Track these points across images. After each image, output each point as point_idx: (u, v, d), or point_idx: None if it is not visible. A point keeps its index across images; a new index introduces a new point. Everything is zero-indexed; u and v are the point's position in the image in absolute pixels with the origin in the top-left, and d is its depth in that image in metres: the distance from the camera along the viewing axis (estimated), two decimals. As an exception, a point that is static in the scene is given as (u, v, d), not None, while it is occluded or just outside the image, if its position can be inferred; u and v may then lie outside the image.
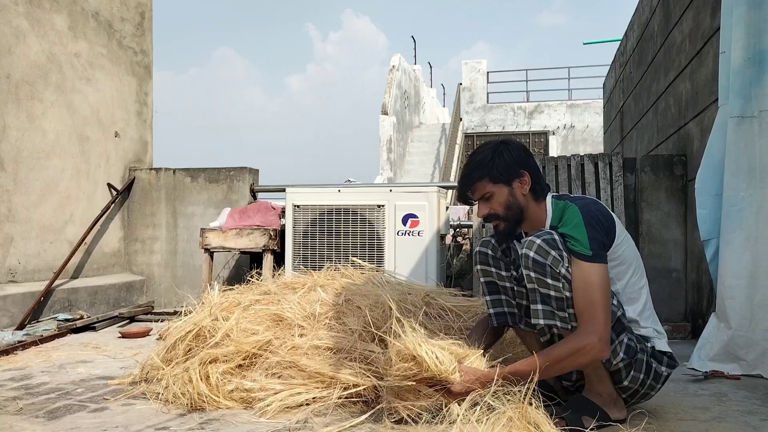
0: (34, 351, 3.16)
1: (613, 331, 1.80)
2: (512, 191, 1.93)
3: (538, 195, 1.95)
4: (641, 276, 1.96)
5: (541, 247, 1.78)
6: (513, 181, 1.93)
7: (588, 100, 15.13)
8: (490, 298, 2.10)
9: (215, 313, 2.37)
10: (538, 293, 1.81)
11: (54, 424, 1.97)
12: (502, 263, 2.06)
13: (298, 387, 2.08)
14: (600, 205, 1.91)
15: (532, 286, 1.82)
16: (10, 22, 3.89)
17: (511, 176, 1.92)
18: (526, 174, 1.93)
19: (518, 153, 1.95)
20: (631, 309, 1.91)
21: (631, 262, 1.92)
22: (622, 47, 6.49)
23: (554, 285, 1.78)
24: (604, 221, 1.85)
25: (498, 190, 1.92)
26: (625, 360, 1.82)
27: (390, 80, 13.40)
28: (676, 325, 3.54)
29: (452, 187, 4.94)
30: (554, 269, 1.77)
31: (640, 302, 1.93)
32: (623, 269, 1.90)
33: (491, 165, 1.92)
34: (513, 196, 1.93)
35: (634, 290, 1.92)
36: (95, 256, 4.63)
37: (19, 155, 3.95)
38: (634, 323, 1.90)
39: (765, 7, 2.62)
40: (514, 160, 1.93)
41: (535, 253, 1.78)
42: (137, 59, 5.17)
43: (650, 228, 3.82)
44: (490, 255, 2.06)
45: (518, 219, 1.95)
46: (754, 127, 2.63)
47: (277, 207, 4.44)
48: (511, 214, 1.93)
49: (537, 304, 1.83)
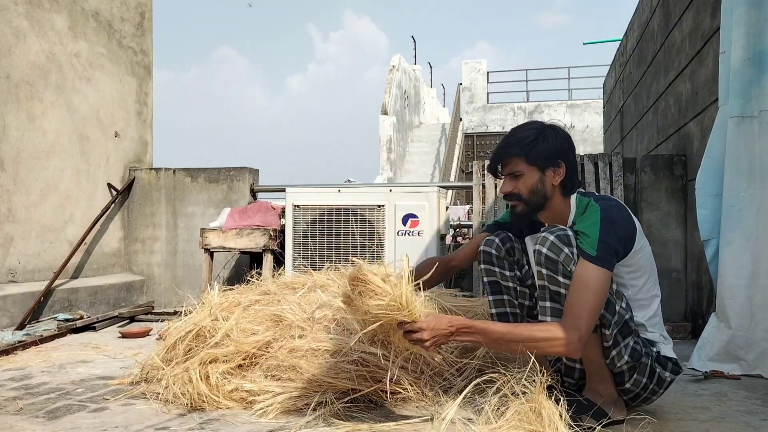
0: (34, 351, 3.16)
1: (620, 334, 1.79)
2: (543, 178, 1.89)
3: (567, 190, 1.91)
4: (654, 284, 1.93)
5: (554, 244, 1.75)
6: (547, 169, 1.88)
7: (588, 100, 15.12)
8: (493, 298, 2.09)
9: (215, 313, 2.37)
10: (548, 290, 1.78)
11: (54, 424, 1.97)
12: (506, 263, 2.05)
13: (297, 390, 2.08)
14: (624, 211, 1.86)
15: (542, 282, 1.79)
16: (10, 22, 3.89)
17: (547, 163, 1.88)
18: (562, 166, 1.89)
19: (562, 143, 1.90)
20: (640, 315, 1.89)
21: (645, 270, 1.89)
22: (622, 47, 6.49)
23: (564, 283, 1.75)
24: (622, 229, 1.80)
25: (529, 172, 1.88)
26: (629, 363, 1.81)
27: (390, 80, 13.40)
28: (676, 325, 3.54)
29: (452, 187, 4.94)
30: (566, 267, 1.75)
31: (650, 309, 1.90)
32: (637, 275, 1.88)
33: (532, 146, 1.87)
34: (542, 183, 1.89)
35: (645, 298, 1.90)
36: (95, 256, 4.63)
37: (19, 155, 3.95)
38: (641, 327, 1.89)
39: (765, 7, 2.62)
40: (557, 149, 1.88)
41: (548, 250, 1.75)
42: (137, 59, 5.17)
43: (650, 228, 3.82)
44: (494, 255, 2.05)
45: (539, 206, 1.92)
46: (754, 127, 2.63)
47: (277, 207, 4.45)
48: (534, 199, 1.90)
49: (545, 301, 1.79)
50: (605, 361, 1.82)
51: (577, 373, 1.94)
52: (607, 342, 1.78)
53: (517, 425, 1.54)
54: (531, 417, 1.55)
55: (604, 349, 1.80)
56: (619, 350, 1.80)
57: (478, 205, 4.12)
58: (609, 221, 1.78)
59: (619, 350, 1.80)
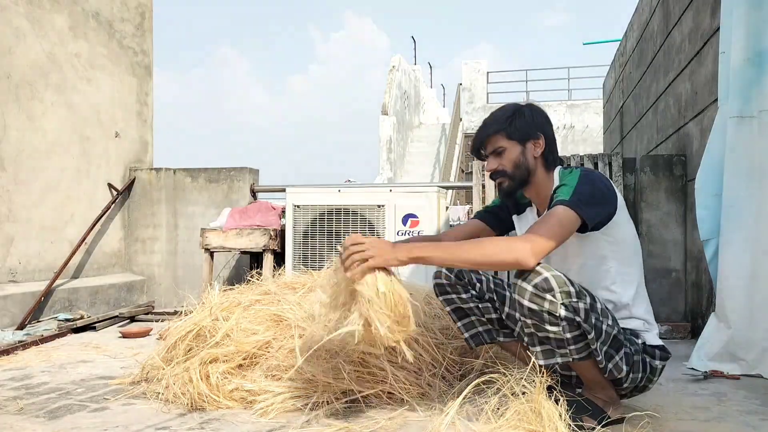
0: (34, 351, 3.16)
1: (612, 349, 1.79)
2: (524, 151, 1.93)
3: (549, 164, 1.95)
4: (638, 261, 1.96)
5: (534, 294, 1.69)
6: (527, 142, 1.93)
7: (588, 100, 15.12)
8: (461, 323, 2.12)
9: (215, 313, 2.38)
10: (536, 337, 1.76)
11: (54, 423, 1.97)
12: (459, 287, 2.07)
13: (297, 390, 2.08)
14: (606, 179, 1.90)
15: (528, 330, 1.76)
16: (10, 22, 3.89)
17: (527, 136, 1.93)
18: (541, 137, 1.93)
19: (539, 118, 1.96)
20: (625, 294, 1.90)
21: (629, 244, 1.92)
22: (622, 47, 6.50)
23: (553, 330, 1.71)
24: (600, 190, 1.82)
25: (511, 146, 1.93)
26: (627, 369, 1.82)
27: (390, 80, 13.40)
28: (676, 324, 3.54)
29: (452, 187, 4.95)
30: (553, 314, 1.69)
31: (633, 285, 1.92)
32: (619, 249, 1.90)
33: (509, 121, 1.93)
34: (524, 155, 1.93)
35: (628, 272, 1.92)
36: (95, 256, 4.63)
37: (20, 155, 3.95)
38: (625, 309, 1.90)
39: (765, 8, 2.62)
40: (534, 122, 1.94)
41: (529, 302, 1.70)
42: (137, 59, 5.18)
43: (650, 228, 3.82)
44: (446, 284, 2.07)
45: (524, 180, 1.94)
46: (753, 127, 2.63)
47: (277, 207, 4.45)
48: (519, 173, 1.93)
49: (536, 347, 1.77)
50: (604, 375, 1.82)
51: (573, 379, 1.95)
52: (601, 364, 1.78)
53: (517, 425, 1.54)
54: (531, 417, 1.55)
55: (601, 369, 1.80)
56: (616, 363, 1.80)
57: (478, 205, 4.12)
58: (588, 179, 1.82)
59: (616, 363, 1.80)
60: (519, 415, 1.55)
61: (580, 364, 1.79)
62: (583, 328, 1.71)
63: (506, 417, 1.56)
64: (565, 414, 1.59)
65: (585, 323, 1.71)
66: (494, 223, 2.17)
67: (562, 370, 1.93)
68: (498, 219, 2.17)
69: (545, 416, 1.54)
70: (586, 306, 1.72)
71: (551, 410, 1.55)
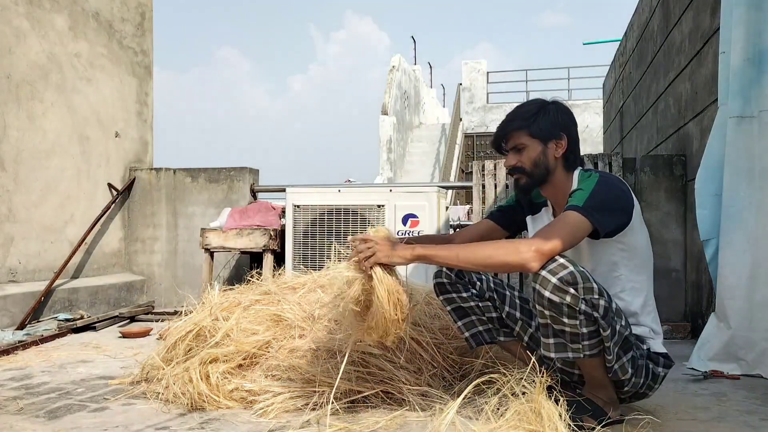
0: (34, 351, 3.17)
1: (621, 350, 1.79)
2: (545, 150, 1.90)
3: (569, 165, 1.93)
4: (648, 269, 1.94)
5: (557, 287, 1.68)
6: (549, 141, 1.90)
7: (588, 100, 15.11)
8: (462, 322, 2.11)
9: (215, 313, 2.38)
10: (551, 328, 1.75)
11: (54, 423, 1.97)
12: (460, 286, 2.06)
13: (297, 390, 2.08)
14: (625, 185, 1.88)
15: (544, 321, 1.75)
16: (10, 22, 3.89)
17: (550, 136, 1.90)
18: (564, 138, 1.91)
19: (564, 117, 1.93)
20: (634, 302, 1.90)
21: (641, 252, 1.91)
22: (622, 47, 6.50)
23: (570, 323, 1.71)
24: (617, 197, 1.81)
25: (532, 144, 1.90)
26: (632, 371, 1.82)
27: (390, 80, 13.39)
28: (676, 324, 3.54)
29: (452, 187, 4.95)
30: (573, 308, 1.69)
31: (642, 294, 1.91)
32: (630, 256, 1.89)
33: (534, 119, 1.90)
34: (545, 155, 1.90)
35: (638, 280, 1.91)
36: (96, 256, 4.63)
37: (20, 155, 3.95)
38: (634, 316, 1.90)
39: (765, 7, 2.62)
40: (559, 122, 1.91)
41: (551, 293, 1.69)
42: (137, 59, 5.18)
43: (650, 228, 3.77)
44: (446, 282, 2.06)
45: (542, 179, 1.93)
46: (753, 127, 2.63)
47: (277, 207, 4.45)
48: (537, 172, 1.91)
49: (549, 339, 1.77)
50: (608, 374, 1.82)
51: (574, 377, 1.95)
52: (609, 363, 1.78)
53: (517, 425, 1.54)
54: (531, 417, 1.55)
55: (608, 368, 1.80)
56: (622, 363, 1.80)
57: (478, 205, 4.12)
58: (605, 185, 1.81)
59: (622, 363, 1.80)
60: (519, 415, 1.55)
61: (589, 361, 1.78)
62: (600, 325, 1.71)
63: (506, 417, 1.56)
64: (565, 414, 1.59)
65: (603, 320, 1.71)
66: (506, 223, 2.16)
67: (562, 370, 1.94)
68: (511, 219, 2.15)
69: (545, 416, 1.54)
70: (605, 304, 1.72)
71: (551, 410, 1.55)
